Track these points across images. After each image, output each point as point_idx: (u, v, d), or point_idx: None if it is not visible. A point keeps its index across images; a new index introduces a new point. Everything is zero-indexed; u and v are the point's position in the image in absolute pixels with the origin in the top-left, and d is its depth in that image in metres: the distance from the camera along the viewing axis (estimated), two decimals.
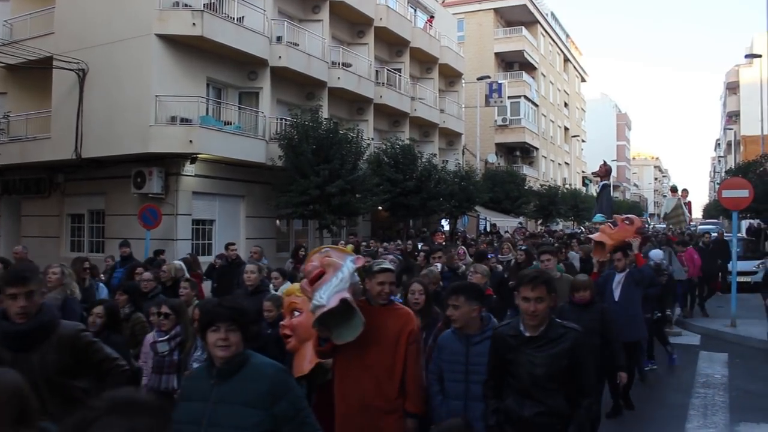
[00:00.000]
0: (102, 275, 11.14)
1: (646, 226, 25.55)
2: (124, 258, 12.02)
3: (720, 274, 16.57)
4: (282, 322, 5.00)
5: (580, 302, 6.41)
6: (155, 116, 16.26)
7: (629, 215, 9.27)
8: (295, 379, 5.08)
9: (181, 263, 9.38)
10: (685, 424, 7.30)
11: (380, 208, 22.60)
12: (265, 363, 3.12)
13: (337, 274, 4.15)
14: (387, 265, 4.39)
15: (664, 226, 28.04)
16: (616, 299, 7.77)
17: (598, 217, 16.04)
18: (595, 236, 9.14)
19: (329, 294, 4.03)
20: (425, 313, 5.14)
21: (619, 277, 7.96)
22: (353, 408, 4.24)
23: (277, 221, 20.45)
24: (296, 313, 4.86)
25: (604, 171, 19.09)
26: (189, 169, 17.10)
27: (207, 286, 12.23)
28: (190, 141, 16.18)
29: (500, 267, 10.25)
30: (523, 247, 11.20)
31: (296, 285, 5.14)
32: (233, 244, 12.99)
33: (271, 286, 7.90)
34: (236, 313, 3.10)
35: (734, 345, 11.65)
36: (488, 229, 28.59)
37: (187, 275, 8.69)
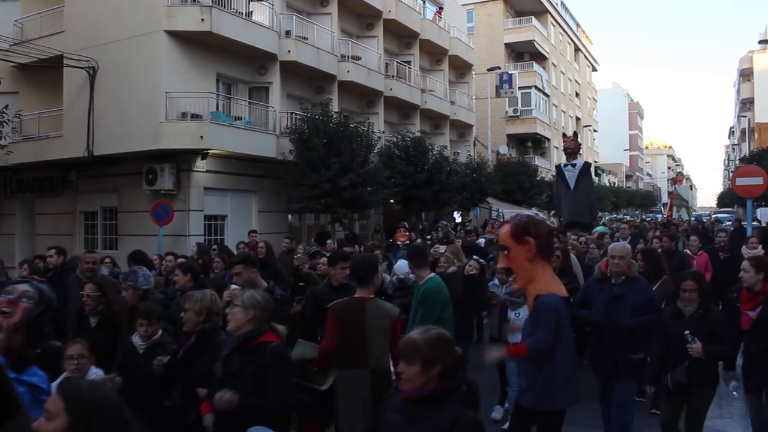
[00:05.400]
0: None
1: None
2: None
3: None
4: None
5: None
6: (166, 113, 16.31)
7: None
8: None
9: None
10: None
11: (392, 201, 22.58)
12: None
13: None
14: None
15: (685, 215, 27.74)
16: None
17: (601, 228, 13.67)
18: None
19: None
20: None
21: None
22: None
23: (289, 216, 20.47)
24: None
25: (575, 144, 15.79)
26: (200, 164, 17.14)
27: None
28: (201, 137, 16.22)
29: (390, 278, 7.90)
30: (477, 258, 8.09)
31: None
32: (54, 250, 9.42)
33: None
34: None
35: None
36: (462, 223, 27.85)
37: None
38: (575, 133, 15.07)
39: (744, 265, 5.68)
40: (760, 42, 40.74)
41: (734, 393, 5.80)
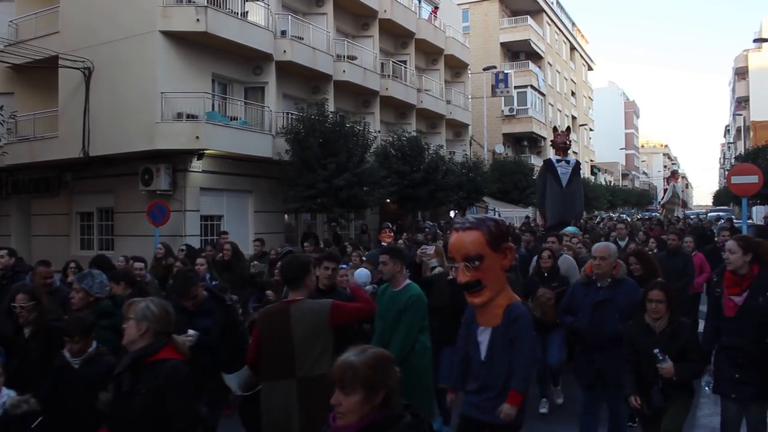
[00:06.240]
0: None
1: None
2: None
3: None
4: None
5: None
6: (161, 113, 16.28)
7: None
8: None
9: None
10: (697, 413, 7.23)
11: (388, 200, 22.57)
12: None
13: None
14: None
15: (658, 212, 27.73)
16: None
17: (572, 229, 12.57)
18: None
19: None
20: None
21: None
22: None
23: (286, 216, 20.46)
24: None
25: (569, 140, 15.44)
26: (196, 165, 17.12)
27: None
28: (197, 137, 16.19)
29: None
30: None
31: None
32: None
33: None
34: None
35: None
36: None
37: None
38: (568, 128, 14.85)
39: (730, 245, 4.98)
40: (755, 41, 40.78)
41: (705, 388, 5.32)
